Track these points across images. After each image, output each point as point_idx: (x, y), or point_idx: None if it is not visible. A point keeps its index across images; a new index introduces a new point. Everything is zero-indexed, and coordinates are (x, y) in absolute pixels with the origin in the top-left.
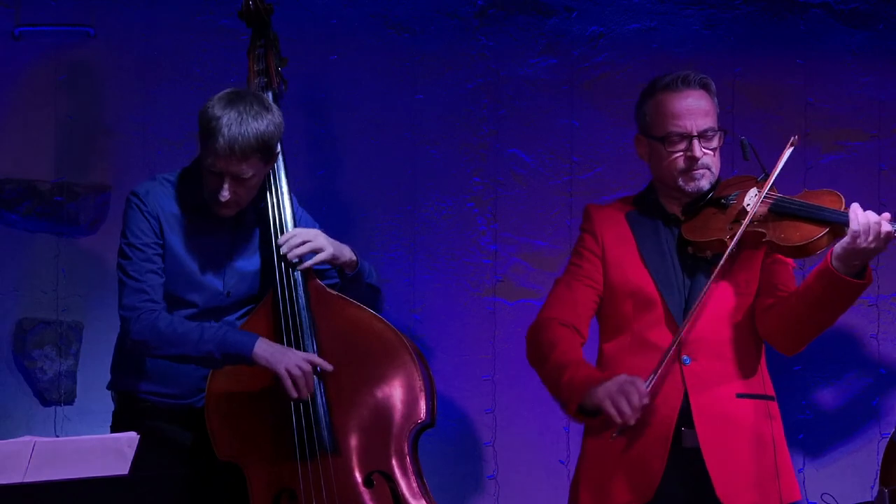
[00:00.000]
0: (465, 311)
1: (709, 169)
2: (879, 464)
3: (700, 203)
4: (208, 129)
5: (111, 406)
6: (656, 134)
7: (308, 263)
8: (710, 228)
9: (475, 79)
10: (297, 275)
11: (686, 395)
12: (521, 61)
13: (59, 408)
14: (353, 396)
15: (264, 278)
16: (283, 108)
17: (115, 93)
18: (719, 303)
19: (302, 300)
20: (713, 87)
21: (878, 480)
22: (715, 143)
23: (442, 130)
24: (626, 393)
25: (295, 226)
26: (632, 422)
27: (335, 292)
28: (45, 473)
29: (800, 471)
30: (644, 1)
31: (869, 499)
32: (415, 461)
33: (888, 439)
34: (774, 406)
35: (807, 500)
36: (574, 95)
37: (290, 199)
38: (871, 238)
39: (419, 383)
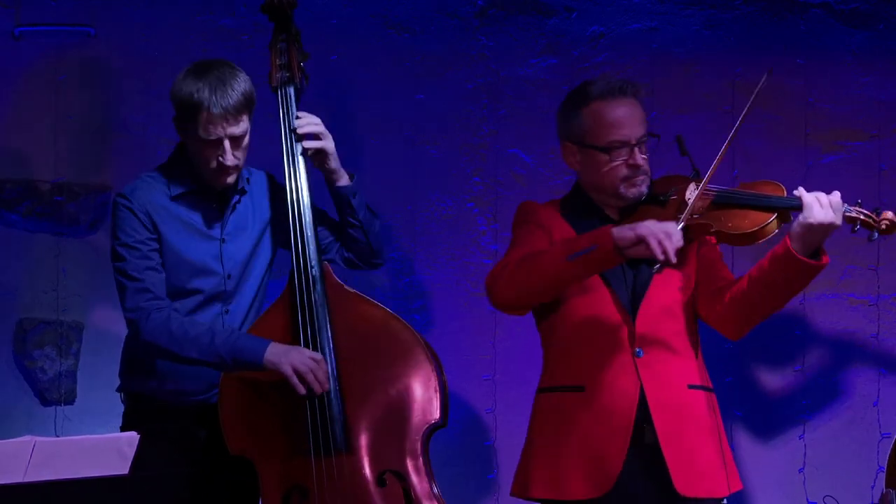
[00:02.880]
0: (465, 311)
1: (647, 174)
2: (880, 464)
3: (637, 204)
4: (192, 103)
5: (111, 406)
6: (595, 143)
7: (307, 144)
8: None
9: (475, 79)
10: (315, 272)
11: (642, 388)
12: (521, 61)
13: (59, 408)
14: (369, 394)
15: (260, 259)
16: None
17: (114, 93)
18: (665, 296)
19: (319, 297)
20: (643, 91)
21: (877, 481)
22: (644, 148)
23: (442, 130)
24: (666, 231)
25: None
26: (673, 260)
27: (352, 290)
28: (45, 473)
29: (800, 471)
30: (644, 1)
31: (869, 500)
32: (427, 462)
33: (895, 439)
34: (714, 398)
35: (808, 500)
36: None
37: (308, 183)
38: (823, 209)
39: (434, 383)
